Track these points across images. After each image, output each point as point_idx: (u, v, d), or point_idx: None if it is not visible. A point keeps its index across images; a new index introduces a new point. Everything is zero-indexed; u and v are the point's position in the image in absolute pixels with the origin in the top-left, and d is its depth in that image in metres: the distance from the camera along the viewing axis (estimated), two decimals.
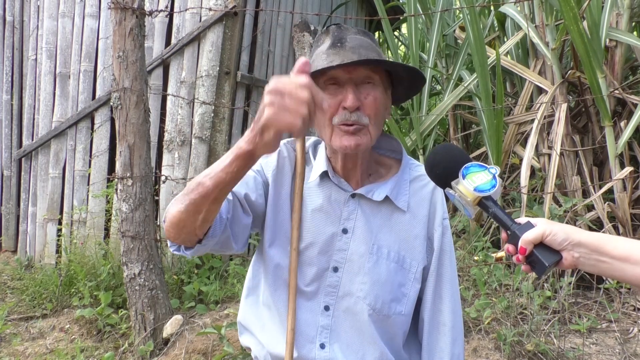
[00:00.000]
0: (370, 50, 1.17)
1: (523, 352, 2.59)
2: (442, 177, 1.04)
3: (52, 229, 4.03)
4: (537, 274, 0.96)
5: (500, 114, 3.61)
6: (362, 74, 1.16)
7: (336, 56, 1.14)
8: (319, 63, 1.16)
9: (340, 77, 1.16)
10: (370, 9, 6.22)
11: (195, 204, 1.02)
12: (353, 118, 1.15)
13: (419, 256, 1.25)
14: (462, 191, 0.99)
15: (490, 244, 3.36)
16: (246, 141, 0.93)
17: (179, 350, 2.68)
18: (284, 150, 1.30)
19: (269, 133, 0.89)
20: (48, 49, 4.07)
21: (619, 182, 3.29)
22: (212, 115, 3.76)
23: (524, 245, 0.94)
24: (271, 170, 1.27)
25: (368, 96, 1.16)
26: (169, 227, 1.09)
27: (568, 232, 0.94)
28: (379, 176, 1.29)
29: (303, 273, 1.24)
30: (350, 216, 1.24)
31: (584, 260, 0.95)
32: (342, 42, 1.16)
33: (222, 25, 3.74)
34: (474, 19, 3.64)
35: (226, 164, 0.97)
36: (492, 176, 0.99)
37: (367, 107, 1.16)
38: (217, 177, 0.99)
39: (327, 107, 0.94)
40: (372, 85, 1.17)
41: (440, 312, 1.27)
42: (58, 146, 4.02)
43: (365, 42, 1.18)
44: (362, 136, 1.16)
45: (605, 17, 3.46)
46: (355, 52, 1.14)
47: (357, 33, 1.20)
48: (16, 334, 3.16)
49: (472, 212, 1.01)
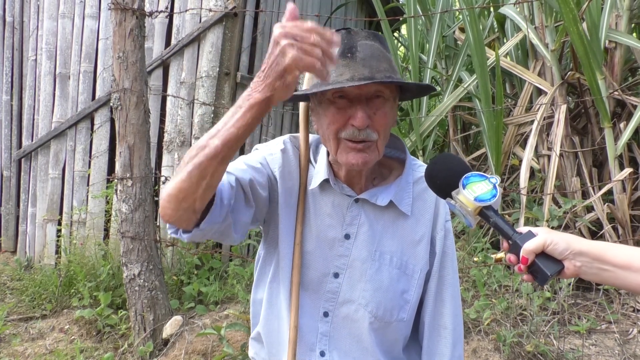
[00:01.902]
0: (381, 61, 1.11)
1: (522, 353, 2.59)
2: (442, 187, 1.04)
3: (52, 229, 4.03)
4: (539, 283, 0.96)
5: (500, 115, 3.61)
6: (373, 89, 1.11)
7: (346, 68, 1.09)
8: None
9: (349, 92, 1.11)
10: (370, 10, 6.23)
11: (200, 168, 0.96)
12: (362, 136, 1.11)
13: (421, 261, 1.24)
14: (463, 201, 0.99)
15: (489, 245, 3.36)
16: (260, 90, 0.90)
17: (178, 351, 2.68)
18: (288, 147, 1.27)
19: (291, 75, 0.86)
20: (48, 50, 4.07)
21: (618, 183, 3.29)
22: (212, 116, 3.76)
23: (526, 254, 0.93)
24: (277, 167, 1.24)
25: (378, 111, 1.12)
26: (165, 201, 1.02)
27: (569, 241, 0.94)
28: (382, 179, 1.27)
29: (304, 276, 1.23)
30: (353, 221, 1.23)
31: (586, 269, 0.94)
32: (352, 51, 1.11)
33: (222, 26, 3.74)
34: (474, 20, 3.65)
35: (238, 117, 0.93)
36: (492, 186, 0.99)
37: (377, 123, 1.12)
38: (227, 134, 0.94)
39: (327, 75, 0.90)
40: (382, 100, 1.13)
41: (442, 315, 1.27)
42: (58, 147, 4.02)
43: (376, 51, 1.13)
44: (370, 153, 1.14)
45: (604, 18, 3.46)
46: (366, 64, 1.09)
47: (367, 38, 1.14)
48: (16, 335, 3.15)
49: (473, 221, 1.01)
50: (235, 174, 1.14)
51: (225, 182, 1.10)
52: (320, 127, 1.18)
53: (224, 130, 0.94)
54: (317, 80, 1.13)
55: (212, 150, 0.95)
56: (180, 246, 3.37)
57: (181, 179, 0.98)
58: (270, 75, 0.88)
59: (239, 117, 0.93)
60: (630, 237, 3.31)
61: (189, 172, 0.97)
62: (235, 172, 1.15)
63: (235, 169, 1.16)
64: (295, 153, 1.27)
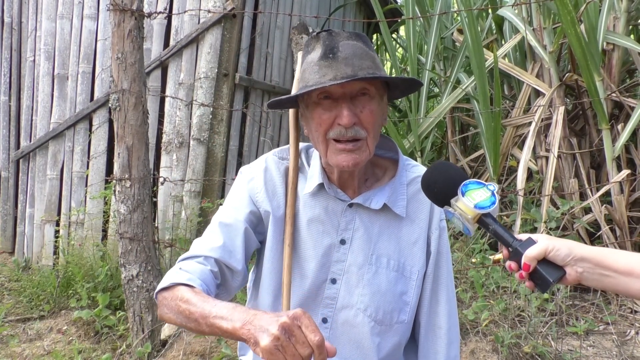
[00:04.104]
0: (364, 59, 1.11)
1: (520, 354, 2.60)
2: (439, 195, 1.03)
3: (50, 230, 4.03)
4: (540, 290, 0.96)
5: (498, 117, 3.62)
6: (357, 87, 1.11)
7: (329, 69, 1.09)
8: (311, 76, 1.11)
9: (333, 92, 1.11)
10: (369, 12, 6.24)
11: (190, 330, 1.05)
12: (350, 134, 1.11)
13: (419, 262, 1.24)
14: (462, 208, 0.98)
15: (487, 246, 3.37)
16: (244, 333, 0.91)
17: (176, 352, 2.68)
18: (269, 165, 1.28)
19: (258, 352, 0.87)
20: (46, 50, 4.07)
21: (616, 184, 3.30)
22: (211, 117, 3.76)
23: (528, 261, 0.93)
24: (261, 192, 1.25)
25: (364, 109, 1.12)
26: (163, 319, 1.12)
27: (571, 247, 0.93)
28: (375, 180, 1.26)
29: (301, 284, 1.23)
30: (348, 226, 1.22)
31: (588, 275, 0.93)
32: (333, 52, 1.10)
33: (221, 27, 3.74)
34: (472, 21, 3.65)
35: (222, 329, 0.95)
36: (490, 193, 0.99)
37: (364, 120, 1.12)
38: (213, 330, 0.98)
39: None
40: (368, 98, 1.13)
41: (437, 314, 1.27)
42: (56, 147, 4.02)
43: (359, 49, 1.12)
44: (360, 153, 1.13)
45: (602, 20, 3.47)
46: (349, 63, 1.09)
47: (349, 38, 1.13)
48: (13, 336, 3.15)
49: (472, 229, 1.00)
50: (232, 250, 1.20)
51: (234, 266, 1.19)
52: (309, 130, 1.19)
53: (211, 324, 0.97)
54: (303, 84, 1.14)
55: (199, 329, 1.02)
56: (179, 247, 3.37)
57: (175, 321, 1.07)
58: (251, 334, 0.89)
59: (222, 329, 0.95)
60: (628, 239, 3.32)
61: (180, 324, 1.06)
62: (231, 245, 1.20)
63: (231, 242, 1.20)
64: (279, 166, 1.27)
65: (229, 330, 0.93)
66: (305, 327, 0.86)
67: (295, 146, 1.26)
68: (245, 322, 0.91)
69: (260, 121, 4.38)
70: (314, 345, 0.84)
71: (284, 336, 0.84)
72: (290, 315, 0.86)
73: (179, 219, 3.67)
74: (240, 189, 1.27)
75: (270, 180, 1.26)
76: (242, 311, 0.94)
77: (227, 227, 1.21)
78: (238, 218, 1.22)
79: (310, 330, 0.85)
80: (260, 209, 1.24)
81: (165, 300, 1.09)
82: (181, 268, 1.14)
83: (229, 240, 1.19)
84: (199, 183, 3.72)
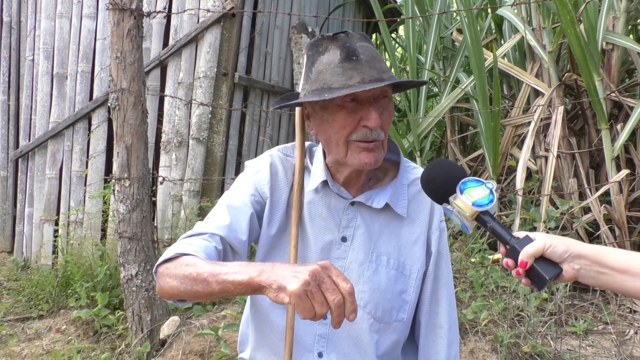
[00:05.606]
0: (381, 62, 1.13)
1: (520, 354, 2.60)
2: (438, 192, 1.04)
3: (49, 229, 4.03)
4: (537, 288, 0.96)
5: (497, 117, 3.62)
6: (380, 90, 1.13)
7: (354, 71, 1.09)
8: (334, 78, 1.10)
9: (360, 94, 1.11)
10: (368, 11, 6.24)
11: (195, 295, 0.99)
12: (373, 136, 1.12)
13: (418, 262, 1.25)
14: (461, 206, 0.99)
15: (487, 246, 3.37)
16: (263, 280, 0.88)
17: (175, 352, 2.68)
18: (275, 160, 1.29)
19: (282, 297, 0.85)
20: (45, 50, 4.06)
21: (615, 184, 3.30)
22: (210, 117, 3.76)
23: (525, 258, 0.93)
24: (266, 183, 1.26)
25: (385, 111, 1.14)
26: (162, 292, 1.06)
27: (568, 244, 0.94)
28: (377, 180, 1.28)
29: None
30: (349, 224, 1.24)
31: (585, 272, 0.93)
32: (356, 54, 1.10)
33: (220, 27, 3.74)
34: (471, 21, 3.65)
35: (236, 282, 0.91)
36: (489, 191, 0.99)
37: (384, 122, 1.14)
38: (225, 287, 0.93)
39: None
40: (388, 100, 1.15)
41: (437, 314, 1.28)
42: (55, 147, 4.01)
43: (374, 52, 1.14)
44: (379, 152, 1.15)
45: (602, 20, 3.47)
46: (373, 66, 1.10)
47: (361, 40, 1.14)
48: (12, 335, 3.15)
49: (470, 227, 1.00)
50: (236, 230, 1.18)
51: (235, 243, 1.17)
52: (323, 132, 1.17)
53: (224, 282, 0.93)
54: (317, 86, 1.12)
55: (209, 291, 0.95)
56: None
57: (178, 289, 1.00)
58: (274, 283, 0.86)
59: (237, 282, 0.91)
60: (627, 239, 3.32)
61: (185, 291, 0.99)
62: (237, 226, 1.19)
63: (237, 223, 1.19)
64: (283, 163, 1.29)
65: (244, 282, 0.89)
66: (336, 275, 0.85)
67: (302, 148, 1.27)
68: (263, 271, 0.88)
69: (260, 121, 4.38)
70: (345, 293, 0.83)
71: (314, 282, 0.82)
72: (319, 264, 0.85)
73: (178, 219, 3.67)
74: (246, 179, 1.28)
75: (275, 174, 1.27)
76: (257, 264, 0.91)
77: (234, 209, 1.21)
78: (245, 202, 1.23)
79: (341, 279, 0.84)
80: (265, 200, 1.25)
81: (168, 269, 1.04)
82: (186, 242, 1.11)
83: (235, 221, 1.19)
84: (198, 182, 3.72)
